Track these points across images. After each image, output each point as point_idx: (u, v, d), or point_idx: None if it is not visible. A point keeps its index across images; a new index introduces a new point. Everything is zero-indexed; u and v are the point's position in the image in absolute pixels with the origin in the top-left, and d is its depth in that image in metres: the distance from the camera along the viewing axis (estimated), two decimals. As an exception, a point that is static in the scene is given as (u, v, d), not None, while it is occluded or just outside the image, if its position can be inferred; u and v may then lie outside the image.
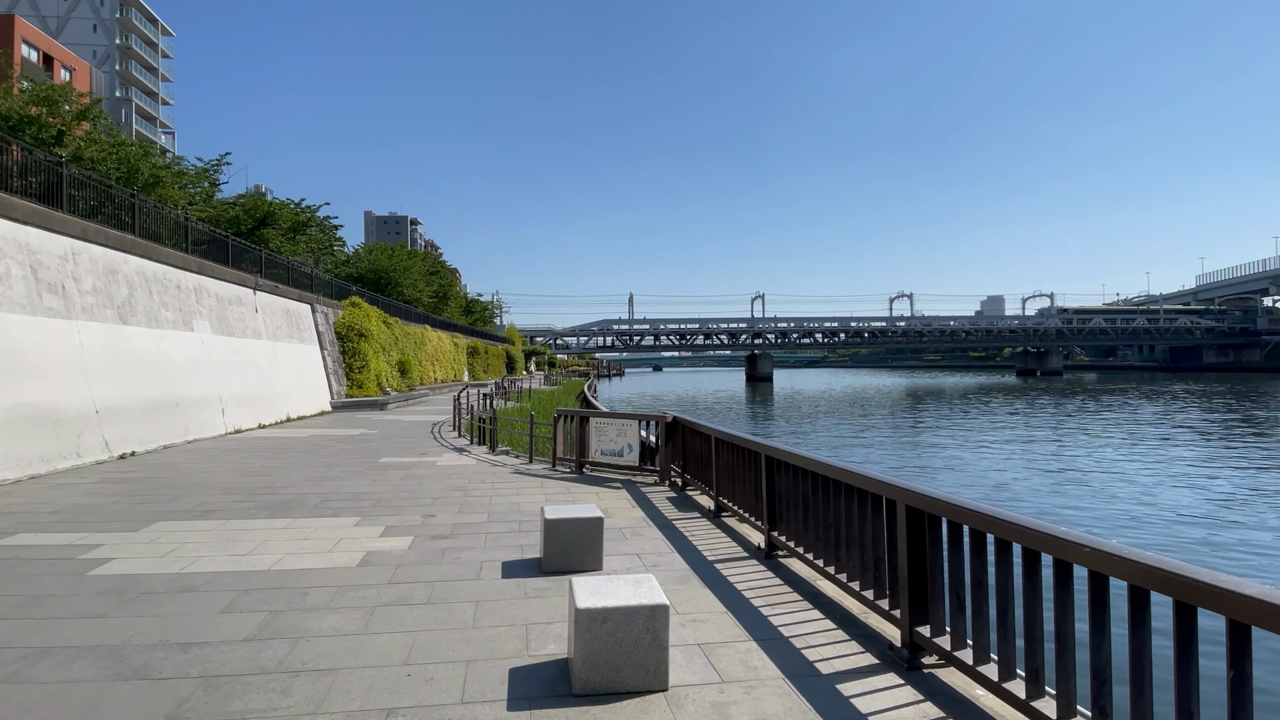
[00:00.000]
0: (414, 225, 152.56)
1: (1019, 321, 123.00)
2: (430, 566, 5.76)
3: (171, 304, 15.38)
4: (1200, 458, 22.44)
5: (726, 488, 7.53)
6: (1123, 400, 50.16)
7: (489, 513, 7.91)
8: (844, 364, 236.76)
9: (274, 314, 21.53)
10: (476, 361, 51.85)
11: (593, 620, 3.49)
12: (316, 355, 24.17)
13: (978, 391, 67.41)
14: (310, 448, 14.15)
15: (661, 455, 9.76)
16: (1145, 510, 14.84)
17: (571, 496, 8.83)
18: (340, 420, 20.72)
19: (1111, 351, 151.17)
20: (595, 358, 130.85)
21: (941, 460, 23.00)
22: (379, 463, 12.00)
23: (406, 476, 10.51)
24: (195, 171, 34.28)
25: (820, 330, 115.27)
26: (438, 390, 36.45)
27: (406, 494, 9.09)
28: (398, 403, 26.25)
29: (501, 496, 8.86)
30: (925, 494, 3.86)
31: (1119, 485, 17.77)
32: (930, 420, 38.58)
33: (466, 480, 10.15)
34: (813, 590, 5.18)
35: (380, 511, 7.99)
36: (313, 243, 38.50)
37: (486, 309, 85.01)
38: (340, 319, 26.73)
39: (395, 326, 32.30)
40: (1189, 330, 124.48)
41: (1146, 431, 30.39)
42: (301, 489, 9.46)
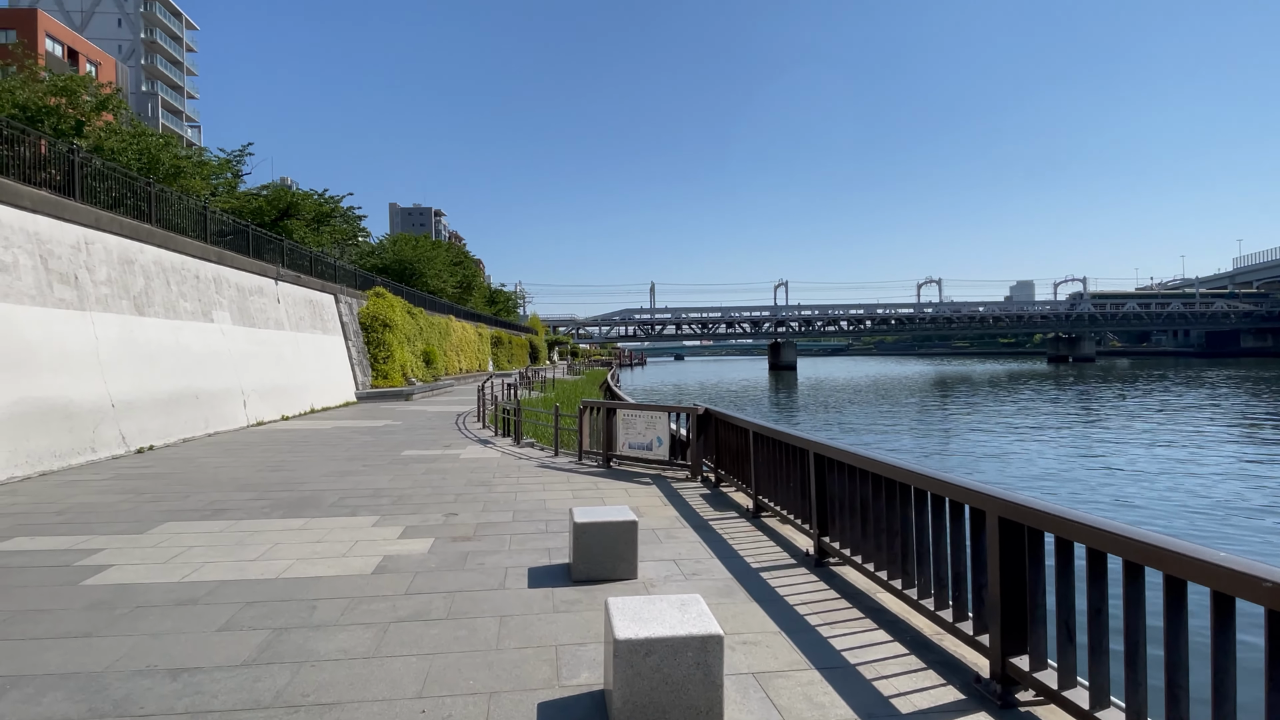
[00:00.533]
0: (438, 217, 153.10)
1: (1051, 307, 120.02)
2: (451, 574, 5.30)
3: (190, 294, 15.15)
4: (1256, 449, 21.36)
5: (767, 486, 6.98)
6: (1164, 387, 48.49)
7: (514, 511, 7.45)
8: (868, 352, 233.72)
9: (297, 304, 21.32)
10: (501, 351, 51.69)
11: (634, 653, 2.97)
12: (340, 346, 23.98)
13: (1009, 379, 65.79)
14: (332, 440, 13.85)
15: (693, 449, 9.23)
16: (1227, 512, 13.97)
17: (600, 493, 8.34)
18: (365, 411, 20.49)
19: (1145, 337, 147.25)
20: (617, 347, 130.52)
21: (982, 449, 22.17)
22: (401, 456, 11.63)
23: (429, 471, 10.11)
24: (218, 162, 34.33)
25: (845, 317, 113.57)
26: (463, 380, 36.26)
27: (428, 490, 8.68)
28: (423, 393, 26.02)
29: (526, 493, 8.40)
30: (1025, 504, 3.28)
31: (1183, 479, 16.86)
32: (963, 408, 37.53)
33: (490, 475, 9.72)
34: (873, 605, 4.63)
35: (400, 510, 7.57)
36: (336, 234, 38.45)
37: (510, 299, 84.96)
38: (364, 309, 26.52)
39: (420, 317, 32.09)
40: (1226, 314, 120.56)
41: (1196, 419, 29.16)
42: (319, 485, 9.09)
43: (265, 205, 33.37)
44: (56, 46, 55.31)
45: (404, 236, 50.86)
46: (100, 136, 22.61)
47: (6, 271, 9.33)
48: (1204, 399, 38.72)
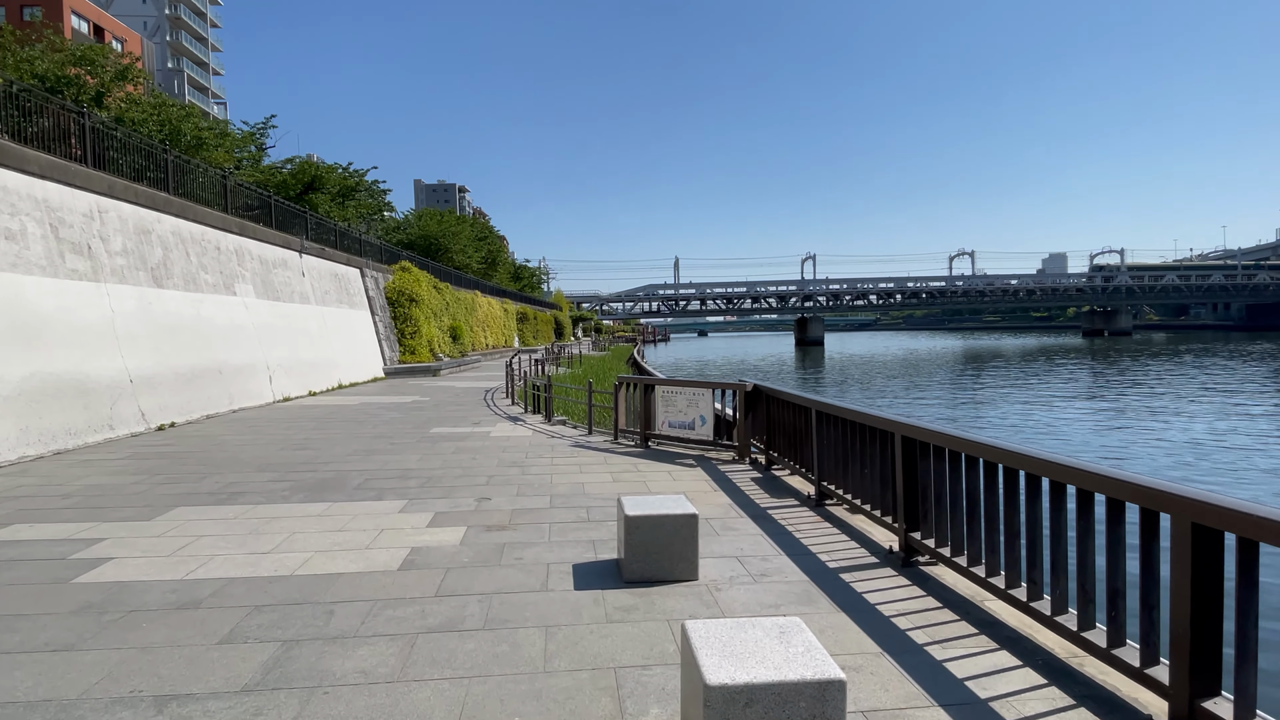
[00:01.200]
0: (462, 193, 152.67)
1: (1086, 280, 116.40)
2: (486, 571, 4.67)
3: (211, 266, 14.69)
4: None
5: (833, 471, 6.25)
6: (1224, 363, 46.48)
7: (551, 495, 6.81)
8: (897, 326, 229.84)
9: (322, 278, 20.87)
10: (526, 327, 51.25)
11: (730, 703, 2.29)
12: (367, 320, 23.57)
13: (1044, 353, 63.82)
14: (359, 417, 13.38)
15: (741, 429, 8.51)
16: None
17: (641, 476, 7.67)
18: (392, 387, 20.08)
19: (1183, 310, 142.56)
20: (640, 323, 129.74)
21: (1031, 425, 21.15)
22: (430, 434, 11.09)
23: (459, 450, 9.53)
24: (241, 135, 33.94)
25: (874, 291, 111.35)
26: (489, 356, 35.86)
27: (459, 471, 8.09)
28: (450, 369, 25.61)
29: (563, 475, 7.77)
30: (1231, 508, 2.52)
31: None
32: (1005, 383, 36.21)
33: (523, 454, 9.11)
34: (985, 617, 3.91)
35: (429, 493, 6.99)
36: (362, 208, 38.02)
37: (534, 275, 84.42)
38: (390, 284, 26.07)
39: (446, 292, 31.62)
40: (1268, 286, 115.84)
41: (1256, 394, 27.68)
42: (344, 465, 8.56)
43: (290, 179, 32.95)
44: (82, 23, 55.26)
45: (429, 211, 50.32)
46: (121, 108, 22.22)
47: (13, 240, 8.85)
48: (1260, 375, 36.92)
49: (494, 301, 43.05)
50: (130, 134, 13.30)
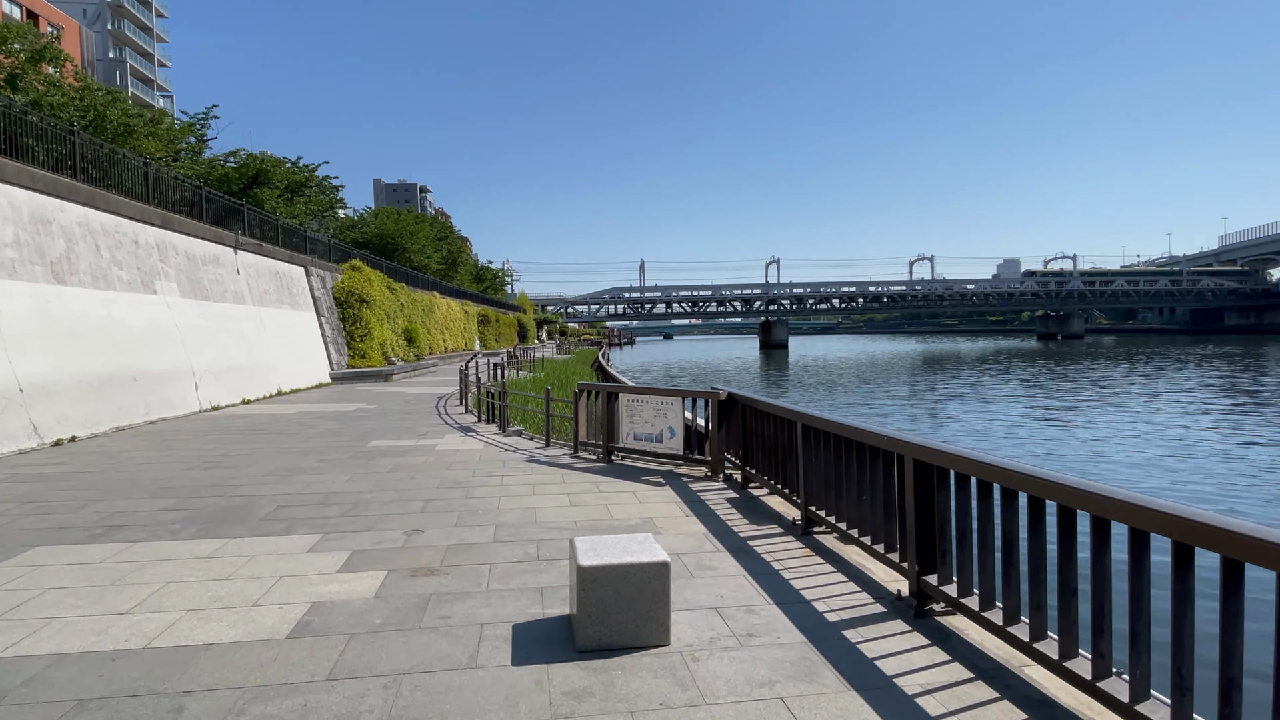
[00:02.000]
0: (423, 193, 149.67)
1: (1039, 284, 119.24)
2: (402, 637, 3.68)
3: (127, 262, 13.29)
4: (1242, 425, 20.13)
5: (822, 495, 5.41)
6: (1174, 364, 47.47)
7: (496, 525, 5.83)
8: (858, 330, 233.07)
9: (261, 276, 19.43)
10: (488, 330, 49.82)
11: None
12: (312, 322, 22.14)
13: (1002, 356, 64.71)
14: (292, 428, 12.15)
15: (714, 442, 7.64)
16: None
17: (603, 498, 6.73)
18: (338, 393, 18.75)
19: (1131, 314, 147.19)
20: (606, 326, 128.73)
21: (1003, 430, 20.79)
22: (368, 447, 9.97)
23: (397, 467, 8.46)
24: (180, 125, 32.02)
25: (837, 295, 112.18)
26: (448, 359, 34.48)
27: (392, 494, 7.04)
28: (404, 373, 24.27)
29: (513, 498, 6.78)
30: None
31: None
32: (968, 386, 36.20)
33: (470, 472, 8.08)
34: (1032, 693, 3.08)
35: (351, 524, 5.94)
36: (312, 204, 36.30)
37: (497, 276, 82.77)
38: (339, 283, 24.63)
39: (401, 292, 30.21)
40: (1211, 293, 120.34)
41: (1222, 400, 27.97)
42: (259, 488, 7.43)
43: (233, 173, 31.18)
44: (14, 8, 52.13)
45: (386, 210, 48.60)
46: (40, 91, 20.46)
47: None
48: (1207, 376, 37.66)
49: (454, 303, 41.62)
50: (26, 112, 11.87)
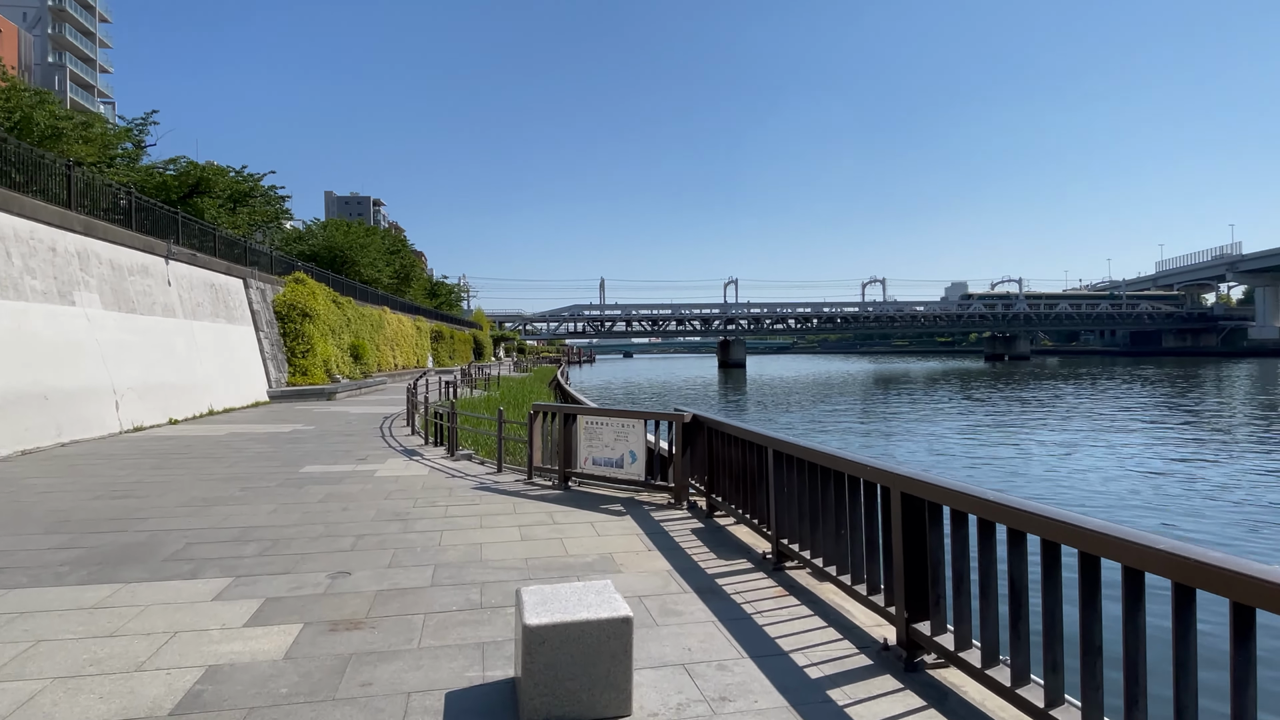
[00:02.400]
0: (377, 206, 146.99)
1: (987, 307, 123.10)
2: (310, 712, 3.06)
3: (42, 271, 12.22)
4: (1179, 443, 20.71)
5: (794, 527, 4.98)
6: (1120, 385, 49.07)
7: (435, 565, 5.21)
8: (813, 350, 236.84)
9: (194, 288, 18.30)
10: (441, 346, 48.58)
11: None
12: (250, 337, 20.98)
13: (952, 376, 66.16)
14: (218, 452, 11.22)
15: (677, 468, 7.15)
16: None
17: (557, 531, 6.16)
18: (275, 413, 17.68)
19: (1074, 336, 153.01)
20: (565, 344, 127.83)
21: (961, 449, 20.85)
22: (300, 474, 9.18)
23: (330, 497, 7.73)
24: (116, 131, 30.50)
25: (793, 316, 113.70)
26: (398, 377, 33.31)
27: (320, 529, 6.34)
28: (348, 391, 23.20)
29: (457, 533, 6.16)
30: None
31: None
32: (918, 405, 36.64)
33: (411, 502, 7.41)
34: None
35: (268, 566, 5.25)
36: (256, 215, 34.90)
37: (452, 292, 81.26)
38: (280, 296, 23.48)
39: (348, 307, 29.07)
40: (1149, 316, 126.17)
41: (1167, 421, 28.79)
42: (168, 521, 6.64)
43: (171, 180, 29.74)
44: (-60, 5, 49.41)
45: (335, 222, 47.19)
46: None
47: None
48: (1156, 396, 38.97)
49: (405, 319, 40.42)
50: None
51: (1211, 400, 37.22)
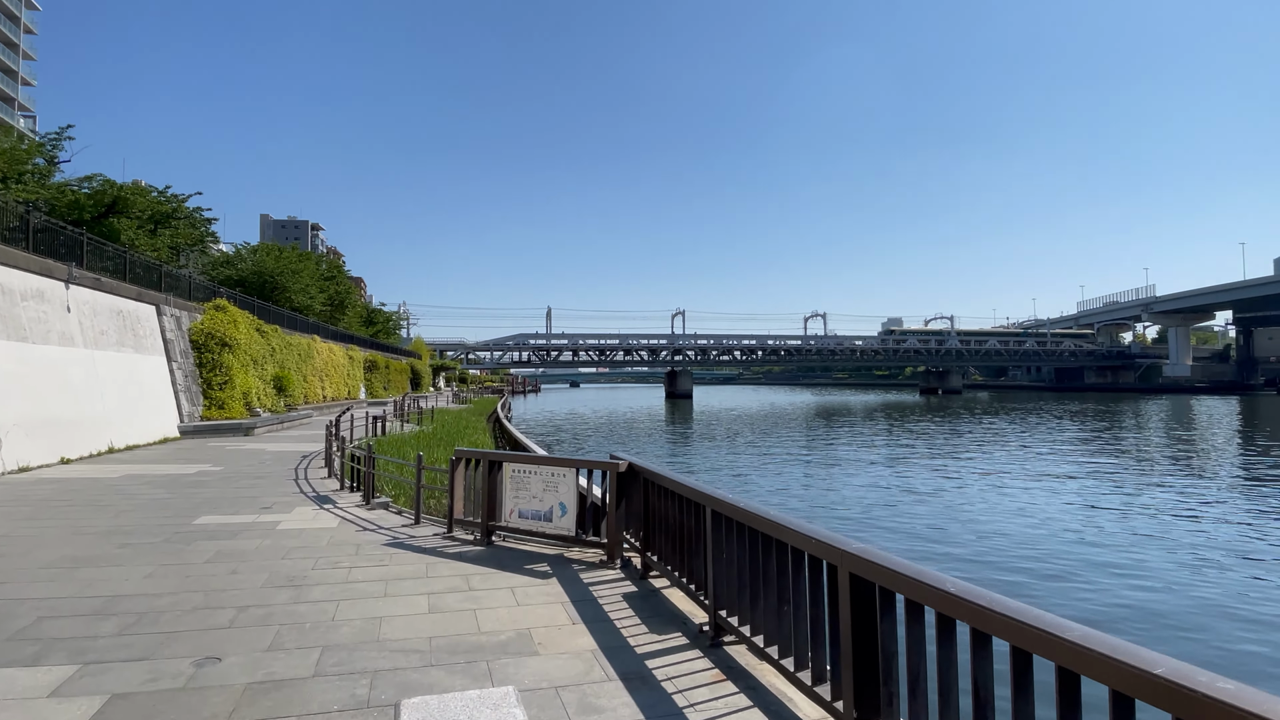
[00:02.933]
0: (315, 231, 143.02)
1: (921, 342, 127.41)
2: None
3: (-93, 294, 10.93)
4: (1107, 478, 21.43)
5: (734, 597, 4.51)
6: (1044, 419, 50.92)
7: (323, 647, 4.52)
8: (757, 381, 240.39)
9: (98, 315, 16.91)
10: (376, 377, 46.84)
11: None
12: (162, 368, 19.53)
13: (891, 409, 67.72)
14: (106, 498, 10.10)
15: (611, 522, 6.62)
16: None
17: (471, 601, 5.52)
18: (183, 451, 16.33)
19: (1003, 371, 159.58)
20: (510, 373, 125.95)
21: (899, 482, 20.91)
22: (192, 525, 8.24)
23: (220, 555, 6.88)
24: (29, 145, 28.62)
25: (739, 347, 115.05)
26: (326, 409, 31.73)
27: (199, 597, 5.53)
28: (269, 426, 21.80)
29: (357, 601, 5.45)
30: None
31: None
32: (860, 438, 37.09)
33: (311, 562, 6.64)
34: None
35: (126, 649, 4.46)
36: (179, 237, 33.11)
37: (390, 320, 79.02)
38: (197, 324, 22.03)
39: (274, 336, 27.60)
40: (1072, 353, 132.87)
41: (1088, 455, 29.76)
42: (25, 588, 5.72)
43: (85, 199, 27.95)
44: None
45: (266, 246, 45.30)
46: None
47: None
48: (1083, 433, 40.49)
49: (337, 348, 38.80)
50: None
51: (1131, 438, 38.87)
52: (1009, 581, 11.42)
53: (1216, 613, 10.16)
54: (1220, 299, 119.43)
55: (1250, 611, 10.17)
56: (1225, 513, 17.25)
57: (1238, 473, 24.37)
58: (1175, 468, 25.65)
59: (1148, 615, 10.05)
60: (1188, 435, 39.33)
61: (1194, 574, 12.01)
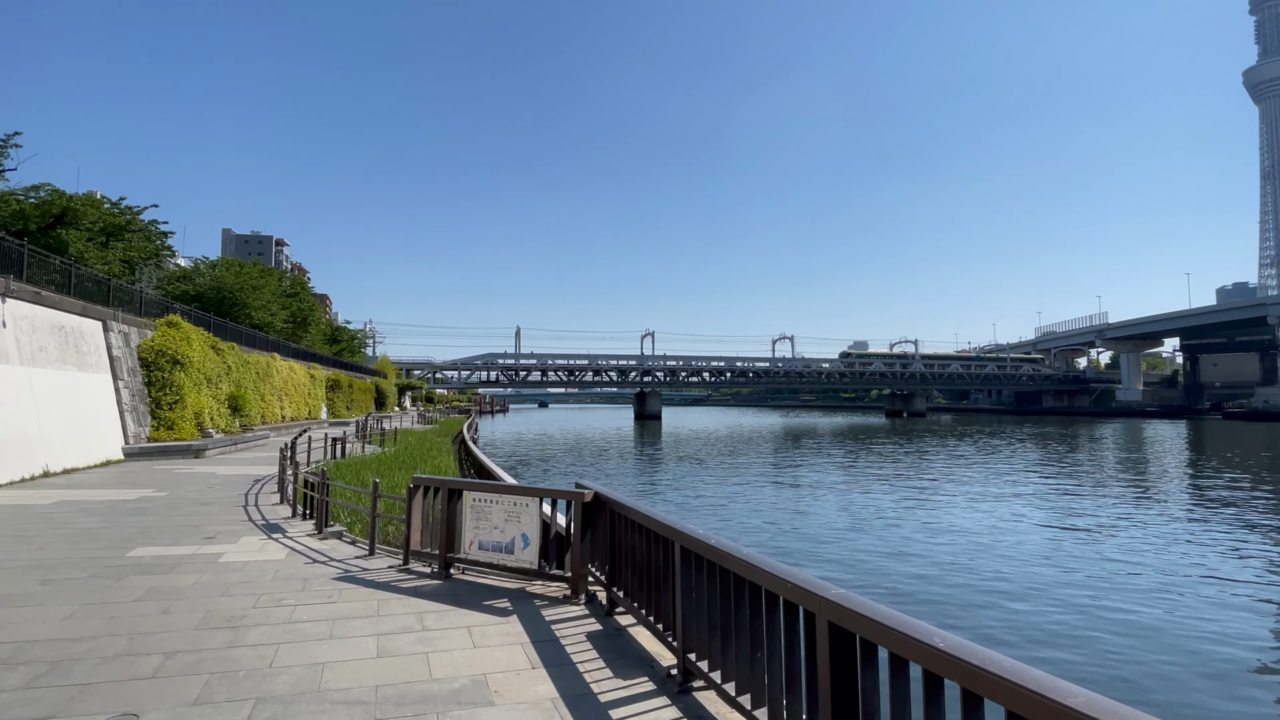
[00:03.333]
0: (280, 246, 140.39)
1: (887, 365, 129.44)
2: None
3: None
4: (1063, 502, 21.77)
5: (704, 639, 4.24)
6: (1008, 442, 51.80)
7: (256, 700, 4.12)
8: (727, 402, 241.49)
9: (38, 331, 16.08)
10: (339, 396, 45.67)
11: None
12: (107, 386, 18.63)
13: (858, 431, 68.37)
14: (34, 527, 9.43)
15: (575, 555, 6.31)
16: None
17: (425, 643, 5.15)
18: (126, 475, 15.51)
19: (965, 395, 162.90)
20: (478, 393, 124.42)
21: (867, 502, 20.87)
22: (125, 559, 7.68)
23: (152, 592, 6.38)
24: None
25: (708, 369, 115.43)
26: (284, 430, 30.72)
27: (122, 641, 5.07)
28: (222, 447, 20.94)
29: (299, 644, 5.04)
30: None
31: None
32: (829, 460, 37.21)
33: (253, 599, 6.18)
34: None
35: (29, 706, 4.00)
36: (132, 250, 32.00)
37: (355, 338, 77.50)
38: (147, 341, 21.15)
39: (230, 354, 26.68)
40: (1031, 377, 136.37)
41: (1056, 479, 30.21)
42: (-80, 634, 5.17)
43: (30, 209, 26.87)
44: None
45: (226, 260, 44.13)
46: None
47: None
48: (1045, 457, 41.22)
49: (298, 366, 37.75)
50: None
51: (1088, 463, 39.68)
52: (980, 610, 11.33)
53: (1194, 656, 10.17)
54: (1167, 326, 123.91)
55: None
56: (1185, 536, 17.54)
57: (1197, 498, 24.93)
58: (1138, 493, 26.16)
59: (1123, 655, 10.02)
60: (1144, 460, 40.34)
61: (1167, 606, 12.08)
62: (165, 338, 21.25)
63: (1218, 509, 21.81)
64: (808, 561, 14.72)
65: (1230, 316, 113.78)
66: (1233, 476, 30.83)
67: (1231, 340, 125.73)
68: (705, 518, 20.35)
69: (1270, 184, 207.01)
